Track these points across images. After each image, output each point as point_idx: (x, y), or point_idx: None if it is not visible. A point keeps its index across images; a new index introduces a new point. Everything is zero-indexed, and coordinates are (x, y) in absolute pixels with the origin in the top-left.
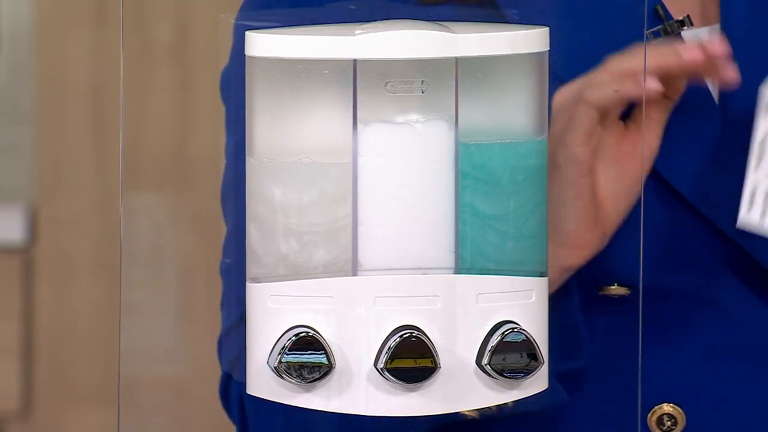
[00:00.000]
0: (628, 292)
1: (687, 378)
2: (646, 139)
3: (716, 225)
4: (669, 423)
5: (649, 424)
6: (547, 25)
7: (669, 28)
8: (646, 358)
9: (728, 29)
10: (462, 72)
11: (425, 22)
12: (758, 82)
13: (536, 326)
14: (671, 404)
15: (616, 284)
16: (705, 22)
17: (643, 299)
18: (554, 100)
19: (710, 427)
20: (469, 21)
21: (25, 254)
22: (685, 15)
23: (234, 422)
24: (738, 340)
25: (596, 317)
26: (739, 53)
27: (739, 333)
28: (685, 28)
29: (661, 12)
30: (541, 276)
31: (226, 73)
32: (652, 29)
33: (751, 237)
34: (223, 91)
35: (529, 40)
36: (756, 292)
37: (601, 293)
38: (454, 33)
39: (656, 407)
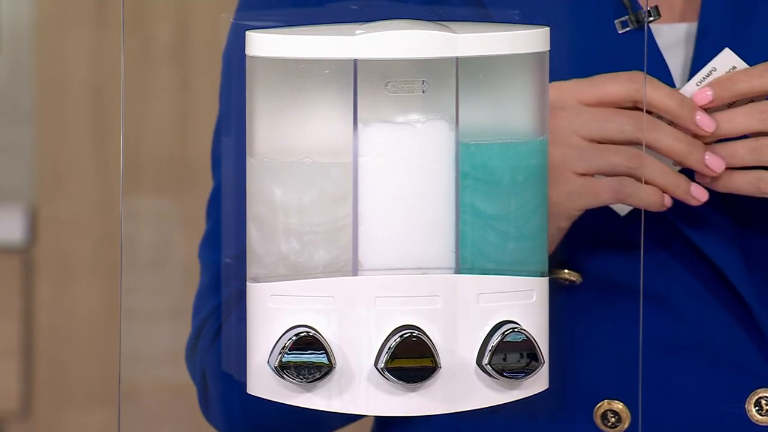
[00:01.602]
0: (581, 279)
1: (633, 374)
2: None
3: (669, 219)
4: (613, 419)
5: (593, 420)
6: (547, 25)
7: (635, 17)
8: (592, 353)
9: (706, 26)
10: (462, 72)
11: (426, 22)
12: None
13: (536, 326)
14: (616, 400)
15: (567, 270)
16: (684, 18)
17: (590, 292)
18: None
19: (655, 424)
20: (469, 21)
21: (25, 254)
22: (652, 6)
23: (195, 383)
24: (685, 337)
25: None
26: (714, 51)
27: (687, 330)
28: (652, 18)
29: (626, 1)
30: (541, 276)
31: (226, 56)
32: (619, 18)
33: (704, 232)
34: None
35: (529, 40)
36: (706, 288)
37: (552, 277)
38: (454, 33)
39: (604, 401)
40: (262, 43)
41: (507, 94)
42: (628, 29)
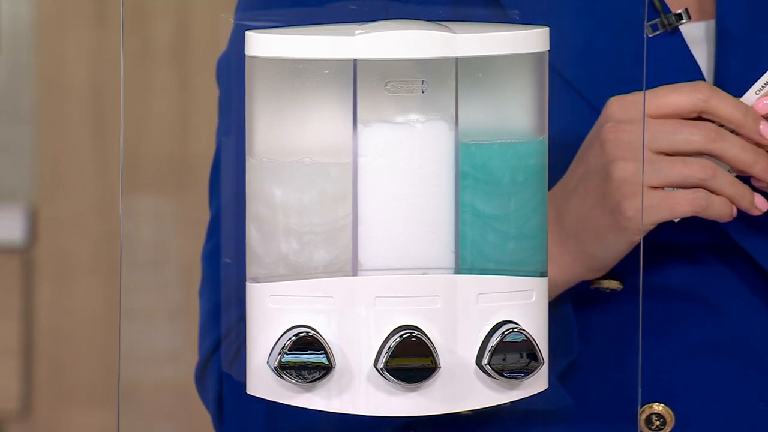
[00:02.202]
0: (621, 286)
1: (677, 377)
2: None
3: (715, 221)
4: (658, 422)
5: (638, 424)
6: (547, 25)
7: (666, 21)
8: (636, 356)
9: (724, 24)
10: (462, 72)
11: (425, 22)
12: (754, 77)
13: (536, 326)
14: (661, 403)
15: (608, 278)
16: (702, 16)
17: (630, 298)
18: (612, 110)
19: (700, 428)
20: (470, 21)
21: (25, 254)
22: (683, 8)
23: (209, 410)
24: (730, 340)
25: (587, 311)
26: (735, 48)
27: (732, 332)
28: (683, 21)
29: (658, 4)
30: (541, 276)
31: (222, 61)
32: (650, 22)
33: (749, 235)
34: (219, 76)
35: (529, 40)
36: (752, 291)
37: (592, 287)
38: (454, 33)
39: (645, 406)
40: (262, 43)
41: (507, 94)
42: (658, 32)
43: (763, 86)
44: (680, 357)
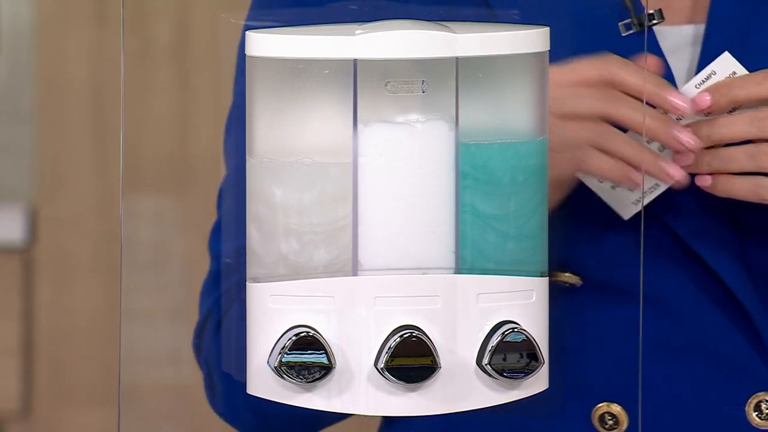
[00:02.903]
0: (580, 282)
1: (632, 376)
2: None
3: (665, 222)
4: (611, 422)
5: (591, 421)
6: (547, 25)
7: (637, 20)
8: (591, 356)
9: (714, 28)
10: (462, 72)
11: (426, 22)
12: None
13: (536, 326)
14: (614, 403)
15: (569, 272)
16: (694, 19)
17: (588, 295)
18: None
19: (653, 427)
20: (470, 21)
21: (25, 254)
22: (656, 9)
23: (201, 369)
24: (683, 340)
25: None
26: (720, 53)
27: (685, 333)
28: (655, 21)
29: (629, 4)
30: (541, 276)
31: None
32: (623, 21)
33: (699, 236)
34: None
35: (529, 40)
36: (702, 290)
37: (552, 280)
38: (454, 33)
39: (599, 405)
40: (262, 43)
41: (507, 94)
42: (631, 32)
43: (703, 80)
44: (634, 356)
